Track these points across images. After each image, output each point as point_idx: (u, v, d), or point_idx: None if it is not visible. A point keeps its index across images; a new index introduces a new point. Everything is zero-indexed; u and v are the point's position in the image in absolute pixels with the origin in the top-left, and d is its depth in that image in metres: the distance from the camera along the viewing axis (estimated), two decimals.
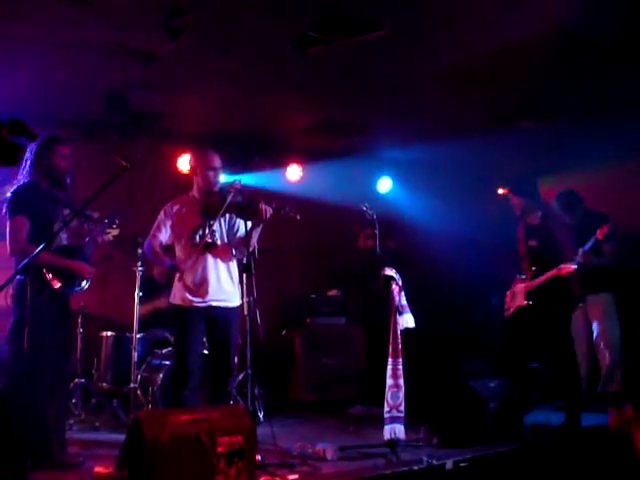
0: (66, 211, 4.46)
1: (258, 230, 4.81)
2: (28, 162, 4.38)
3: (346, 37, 4.97)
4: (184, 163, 7.16)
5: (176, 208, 4.92)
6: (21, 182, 4.38)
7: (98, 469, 4.06)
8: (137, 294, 5.99)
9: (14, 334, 4.20)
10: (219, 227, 4.90)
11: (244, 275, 4.78)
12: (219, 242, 4.85)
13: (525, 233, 6.05)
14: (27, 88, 3.49)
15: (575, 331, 6.25)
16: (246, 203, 4.79)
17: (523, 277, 5.92)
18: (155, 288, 6.48)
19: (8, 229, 4.24)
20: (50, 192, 4.43)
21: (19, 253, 4.20)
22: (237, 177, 4.91)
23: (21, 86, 3.38)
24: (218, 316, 4.80)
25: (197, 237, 4.82)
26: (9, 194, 4.34)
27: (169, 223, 4.88)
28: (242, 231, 4.83)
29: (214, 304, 4.79)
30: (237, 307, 4.90)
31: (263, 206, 4.72)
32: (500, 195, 6.61)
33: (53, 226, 4.31)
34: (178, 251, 4.91)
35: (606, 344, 6.20)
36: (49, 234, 4.21)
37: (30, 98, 3.57)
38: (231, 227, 4.94)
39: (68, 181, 4.58)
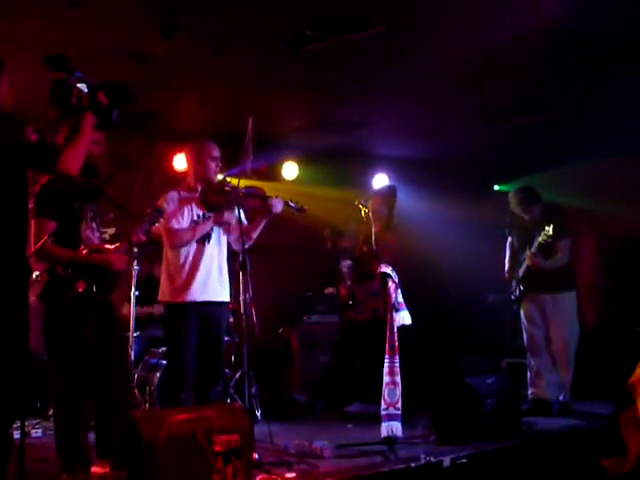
0: (94, 207, 4.19)
1: (263, 223, 4.82)
2: None
3: (342, 35, 4.98)
4: (180, 162, 7.15)
5: (176, 197, 4.81)
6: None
7: (95, 469, 4.01)
8: (133, 293, 5.98)
9: (44, 338, 4.03)
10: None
11: (240, 273, 4.77)
12: (216, 235, 4.82)
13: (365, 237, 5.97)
14: (21, 87, 3.47)
15: (531, 327, 6.22)
16: (254, 196, 4.79)
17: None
18: (151, 293, 6.48)
19: (32, 230, 3.92)
20: (80, 184, 4.09)
21: (44, 257, 3.98)
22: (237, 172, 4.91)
23: (15, 85, 3.36)
24: (212, 313, 4.77)
25: None
26: (37, 187, 4.02)
27: (171, 208, 4.74)
28: (244, 223, 4.83)
29: (208, 299, 4.74)
30: (227, 303, 4.90)
31: (273, 199, 4.74)
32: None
33: (80, 225, 4.06)
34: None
35: (567, 348, 6.07)
36: (75, 234, 4.02)
37: (24, 97, 3.55)
38: (238, 219, 4.82)
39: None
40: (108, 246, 4.13)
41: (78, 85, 3.38)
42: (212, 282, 4.79)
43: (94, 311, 4.03)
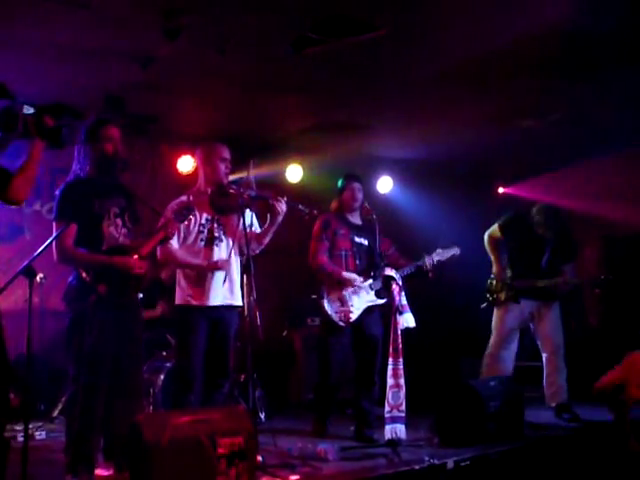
0: (121, 202, 4.15)
1: (274, 226, 4.78)
2: (80, 151, 4.09)
3: (344, 37, 4.98)
4: (184, 164, 7.16)
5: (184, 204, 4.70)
6: (68, 178, 4.10)
7: (98, 471, 4.02)
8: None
9: (65, 339, 4.03)
10: (229, 222, 4.82)
11: (244, 276, 4.77)
12: (224, 239, 4.77)
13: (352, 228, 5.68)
14: (24, 90, 3.48)
15: (511, 333, 6.27)
16: (259, 198, 4.79)
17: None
18: (156, 296, 6.49)
19: (54, 233, 3.92)
20: (101, 183, 4.08)
21: (66, 260, 3.97)
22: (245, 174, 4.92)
23: (18, 88, 3.38)
24: (221, 317, 4.72)
25: (206, 232, 4.73)
26: (57, 192, 4.02)
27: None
28: (255, 226, 4.80)
29: (219, 304, 4.70)
30: (238, 307, 4.82)
31: (275, 200, 4.71)
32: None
33: (102, 224, 4.02)
34: (184, 248, 4.74)
35: (559, 351, 6.13)
36: (98, 232, 3.99)
37: (27, 100, 3.56)
38: (242, 222, 4.74)
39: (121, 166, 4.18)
40: (129, 245, 4.09)
41: (23, 111, 3.40)
42: (223, 286, 4.73)
43: (116, 313, 3.99)
